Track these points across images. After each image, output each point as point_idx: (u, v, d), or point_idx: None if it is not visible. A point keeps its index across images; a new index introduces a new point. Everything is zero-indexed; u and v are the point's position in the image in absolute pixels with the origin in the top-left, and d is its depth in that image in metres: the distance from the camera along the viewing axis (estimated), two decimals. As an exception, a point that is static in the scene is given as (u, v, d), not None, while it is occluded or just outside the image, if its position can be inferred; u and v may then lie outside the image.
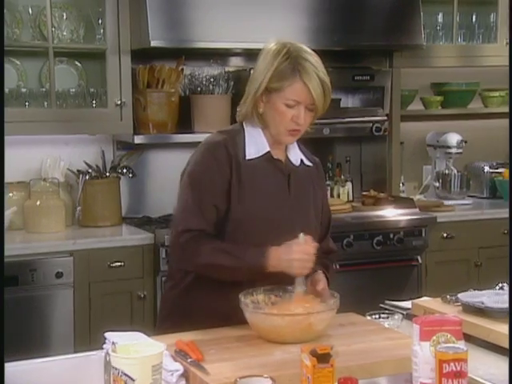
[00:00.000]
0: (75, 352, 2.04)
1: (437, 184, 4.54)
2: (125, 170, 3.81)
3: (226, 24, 3.73)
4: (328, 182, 4.29)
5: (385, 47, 4.19)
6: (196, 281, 2.14)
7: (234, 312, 1.95)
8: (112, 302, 3.45)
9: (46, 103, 3.68)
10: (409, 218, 4.00)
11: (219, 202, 2.10)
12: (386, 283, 3.86)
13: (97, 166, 3.79)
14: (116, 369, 1.42)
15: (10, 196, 3.74)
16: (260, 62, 2.13)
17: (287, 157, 2.22)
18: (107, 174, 3.79)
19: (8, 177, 3.78)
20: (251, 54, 4.17)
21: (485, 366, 1.81)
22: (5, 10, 3.68)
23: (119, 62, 3.68)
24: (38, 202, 3.62)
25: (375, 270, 3.92)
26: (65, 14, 3.78)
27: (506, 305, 2.00)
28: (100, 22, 3.74)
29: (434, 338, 1.62)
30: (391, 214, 4.02)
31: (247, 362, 1.73)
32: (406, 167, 4.66)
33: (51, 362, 1.83)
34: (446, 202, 4.36)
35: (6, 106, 3.62)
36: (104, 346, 1.81)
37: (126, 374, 1.41)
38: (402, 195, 4.45)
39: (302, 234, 2.03)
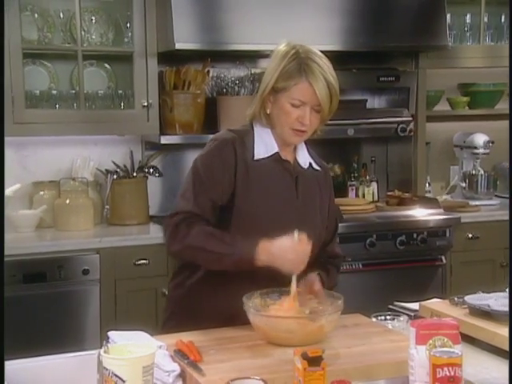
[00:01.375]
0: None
1: (463, 184, 4.45)
2: (151, 170, 3.81)
3: (251, 26, 3.69)
4: (353, 182, 4.25)
5: (410, 48, 4.12)
6: (200, 281, 2.12)
7: (236, 312, 1.92)
8: (137, 299, 3.45)
9: (75, 105, 3.70)
10: (433, 218, 3.91)
11: (216, 198, 2.07)
12: (409, 283, 3.79)
13: (124, 166, 3.79)
14: (107, 369, 1.40)
15: (41, 195, 3.77)
16: (269, 63, 2.11)
17: (296, 159, 2.18)
18: (134, 174, 3.78)
19: (39, 176, 3.85)
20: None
21: (486, 370, 1.76)
22: (36, 15, 3.72)
23: (146, 65, 3.67)
24: (68, 201, 3.64)
25: (399, 270, 3.84)
26: (94, 18, 3.79)
27: (512, 308, 1.94)
28: (128, 25, 3.74)
29: (431, 341, 1.57)
30: (415, 214, 3.94)
31: (245, 363, 1.70)
32: (433, 167, 4.58)
33: (58, 360, 1.82)
34: (473, 203, 4.27)
35: (37, 107, 3.66)
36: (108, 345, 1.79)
37: (116, 375, 1.39)
38: (428, 195, 4.37)
39: (296, 232, 1.96)
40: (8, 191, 3.67)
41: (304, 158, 2.20)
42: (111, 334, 1.82)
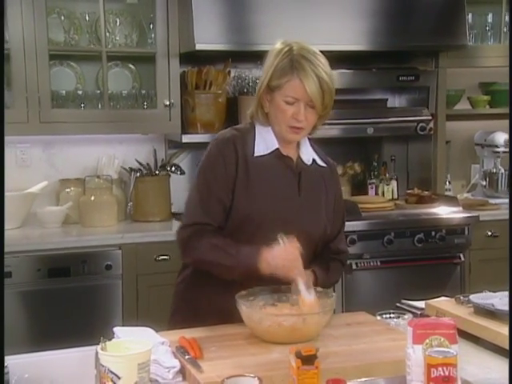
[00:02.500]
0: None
1: (484, 183, 4.37)
2: (174, 168, 3.80)
3: (272, 27, 3.65)
4: (373, 180, 4.20)
5: (430, 48, 4.05)
6: (203, 276, 2.09)
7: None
8: (158, 294, 3.43)
9: (100, 104, 3.71)
10: (451, 216, 3.85)
11: (224, 197, 2.05)
12: (427, 280, 3.73)
13: (147, 164, 3.80)
14: (103, 366, 1.39)
15: (67, 192, 3.79)
16: (265, 62, 2.08)
17: (299, 155, 2.15)
18: (157, 172, 3.78)
19: (66, 174, 3.87)
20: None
21: (488, 370, 1.71)
22: (63, 18, 3.74)
23: (168, 65, 3.67)
24: (92, 198, 3.65)
25: (417, 268, 3.79)
26: (118, 20, 3.79)
27: (516, 307, 1.89)
28: (151, 26, 3.74)
29: (427, 341, 1.53)
30: (434, 212, 3.89)
31: (245, 360, 1.67)
32: (454, 166, 4.51)
33: (64, 355, 1.82)
34: (493, 201, 4.19)
35: (63, 107, 3.68)
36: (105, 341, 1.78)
37: (112, 372, 1.38)
38: (448, 193, 4.30)
39: (280, 237, 1.94)
40: (35, 188, 3.71)
41: (307, 155, 2.17)
42: (116, 329, 1.81)
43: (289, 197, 2.10)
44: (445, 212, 3.89)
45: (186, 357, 1.66)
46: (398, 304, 2.24)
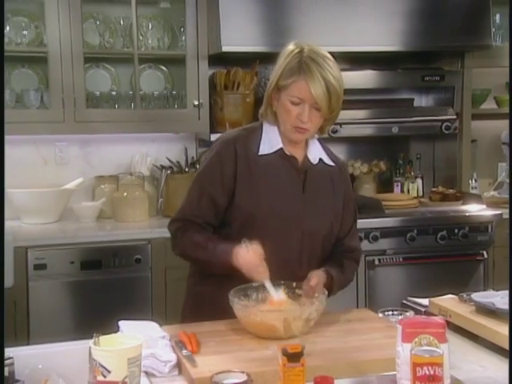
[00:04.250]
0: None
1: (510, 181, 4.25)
2: (202, 166, 3.78)
3: (295, 29, 3.63)
4: (398, 178, 4.13)
5: (455, 48, 3.95)
6: (206, 272, 2.07)
7: None
8: (185, 287, 3.43)
9: (132, 105, 3.72)
10: (474, 214, 3.75)
11: (217, 195, 2.03)
12: (450, 277, 3.63)
13: (178, 162, 3.80)
14: (94, 360, 1.38)
15: (102, 188, 3.81)
16: (277, 62, 2.05)
17: (306, 155, 2.11)
18: (187, 170, 3.78)
19: (101, 171, 3.89)
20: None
21: (482, 369, 1.65)
22: (98, 22, 3.76)
23: (197, 67, 3.66)
24: (125, 194, 3.66)
25: (439, 264, 3.70)
26: (151, 24, 3.80)
27: (516, 307, 1.82)
28: (182, 30, 3.73)
29: (416, 339, 1.48)
30: (457, 209, 3.80)
31: (240, 355, 1.64)
32: (481, 164, 4.40)
33: (74, 346, 1.81)
34: (518, 199, 4.07)
35: (97, 107, 3.70)
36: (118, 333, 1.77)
37: (102, 366, 1.36)
38: (474, 191, 4.19)
39: (243, 242, 1.90)
40: (71, 185, 3.75)
41: (314, 154, 2.12)
42: (121, 323, 1.80)
43: (292, 196, 2.06)
44: (468, 210, 3.80)
45: (183, 351, 1.63)
46: (404, 301, 2.17)
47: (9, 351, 1.55)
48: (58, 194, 3.67)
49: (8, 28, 3.64)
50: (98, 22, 3.74)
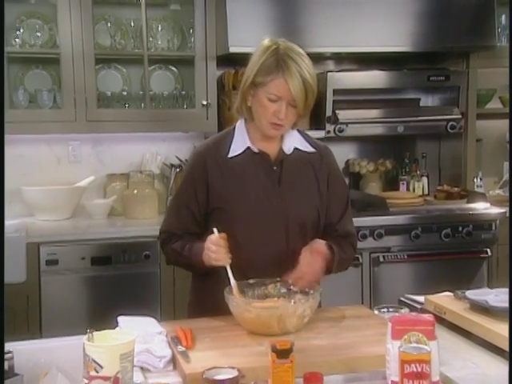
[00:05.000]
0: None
1: (515, 179, 4.20)
2: (211, 165, 3.78)
3: (301, 29, 3.63)
4: (404, 177, 4.10)
5: (460, 49, 3.91)
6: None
7: None
8: (193, 282, 3.43)
9: (142, 105, 3.72)
10: (478, 212, 3.72)
11: (192, 205, 2.06)
12: (454, 274, 3.61)
13: (186, 161, 3.78)
14: (87, 355, 1.37)
15: (114, 186, 3.82)
16: (252, 57, 2.02)
17: (281, 147, 2.08)
18: (195, 168, 3.77)
19: (113, 169, 3.90)
20: (331, 58, 4.07)
21: (473, 366, 1.63)
22: (109, 25, 3.76)
23: (206, 67, 3.65)
24: (135, 191, 3.67)
25: (444, 261, 3.67)
26: (160, 26, 3.80)
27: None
28: (191, 32, 3.73)
29: (406, 337, 1.47)
30: (461, 207, 3.77)
31: (234, 351, 1.63)
32: (487, 163, 4.36)
33: (71, 341, 1.81)
34: (523, 197, 4.02)
35: (108, 107, 3.71)
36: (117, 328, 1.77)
37: (95, 361, 1.36)
38: (479, 190, 4.15)
39: (215, 229, 1.93)
40: (83, 183, 3.76)
41: (289, 145, 2.08)
42: (120, 318, 1.80)
43: (267, 190, 2.03)
44: (472, 208, 3.76)
45: (178, 347, 1.63)
46: (401, 298, 2.16)
47: (8, 346, 1.55)
48: (70, 191, 3.68)
49: (22, 30, 3.66)
50: (109, 24, 3.75)
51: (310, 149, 2.12)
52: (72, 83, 3.53)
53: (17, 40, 3.64)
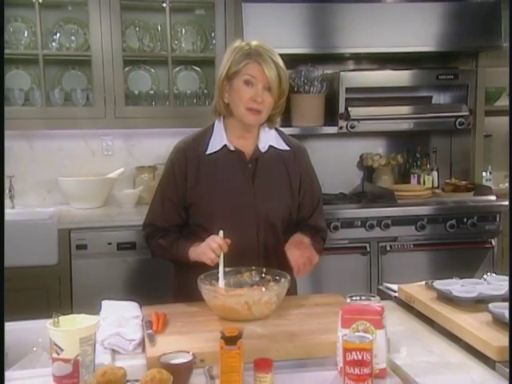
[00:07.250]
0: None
1: (523, 173, 4.05)
2: (229, 158, 3.76)
3: (314, 32, 3.57)
4: (415, 170, 4.00)
5: (469, 49, 3.78)
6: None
7: None
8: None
9: (167, 102, 3.73)
10: (483, 204, 3.61)
11: (174, 197, 2.03)
12: (459, 263, 3.52)
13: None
14: (50, 339, 1.37)
15: (142, 177, 3.85)
16: (223, 58, 2.00)
17: (257, 145, 2.04)
18: (215, 162, 3.76)
19: (142, 162, 3.92)
20: (342, 58, 3.99)
21: (428, 353, 1.57)
22: (138, 29, 3.77)
23: (225, 68, 3.62)
24: (160, 183, 3.68)
25: (448, 251, 3.58)
26: (185, 29, 3.80)
27: (473, 294, 1.73)
28: (213, 35, 3.71)
29: (354, 325, 1.44)
30: (467, 199, 3.65)
31: (199, 336, 1.60)
32: (497, 157, 4.22)
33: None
34: (531, 191, 3.88)
35: (136, 105, 3.73)
36: (100, 312, 1.77)
37: (56, 345, 1.36)
38: (488, 184, 4.02)
39: (221, 232, 1.88)
40: (114, 174, 3.79)
41: (264, 142, 2.04)
42: (104, 302, 1.80)
43: (241, 187, 2.00)
44: (478, 200, 3.65)
45: (148, 331, 1.62)
46: (379, 287, 2.10)
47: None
48: (102, 182, 3.72)
49: (59, 34, 3.70)
50: (137, 28, 3.76)
51: (284, 147, 2.07)
52: (102, 83, 3.56)
53: (53, 44, 3.69)
